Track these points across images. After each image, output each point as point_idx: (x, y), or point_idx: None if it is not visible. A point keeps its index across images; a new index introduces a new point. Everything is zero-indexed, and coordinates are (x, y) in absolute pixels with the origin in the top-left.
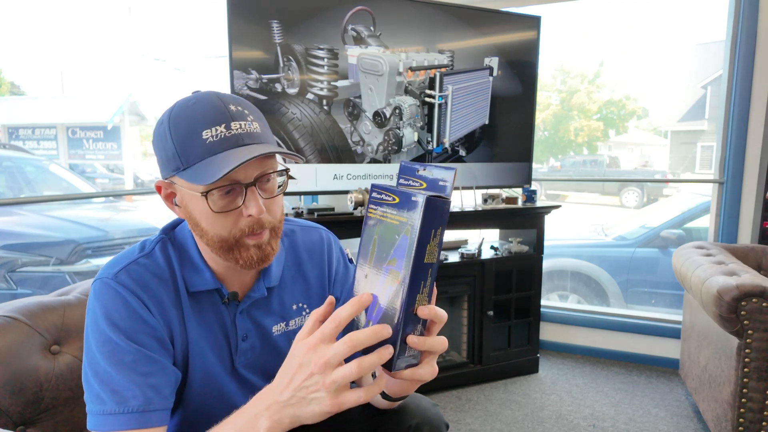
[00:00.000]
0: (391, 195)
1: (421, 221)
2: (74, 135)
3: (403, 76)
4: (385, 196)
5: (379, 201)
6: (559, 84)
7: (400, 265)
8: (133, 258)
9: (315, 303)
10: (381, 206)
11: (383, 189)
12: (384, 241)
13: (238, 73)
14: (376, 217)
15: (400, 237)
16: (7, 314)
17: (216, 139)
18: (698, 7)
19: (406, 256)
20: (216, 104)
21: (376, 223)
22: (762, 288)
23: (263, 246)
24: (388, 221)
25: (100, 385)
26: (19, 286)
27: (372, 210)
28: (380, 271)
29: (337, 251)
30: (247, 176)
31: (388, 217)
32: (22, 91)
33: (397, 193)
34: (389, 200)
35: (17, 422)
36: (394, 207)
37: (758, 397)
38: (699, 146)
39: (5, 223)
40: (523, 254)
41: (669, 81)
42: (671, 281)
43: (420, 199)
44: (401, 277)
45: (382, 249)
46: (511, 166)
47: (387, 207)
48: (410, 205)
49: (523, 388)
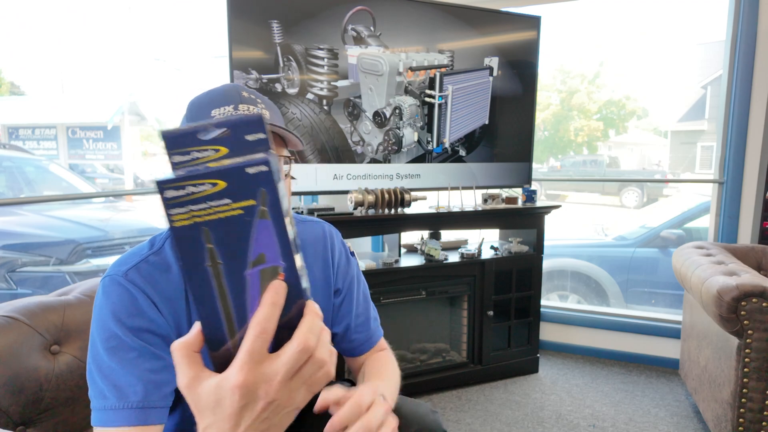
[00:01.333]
0: (206, 181)
1: (276, 191)
2: (74, 135)
3: (403, 76)
4: (193, 188)
5: (186, 198)
6: (559, 84)
7: (275, 257)
8: (143, 256)
9: (319, 295)
10: (193, 204)
11: (184, 180)
12: (228, 243)
13: (238, 73)
14: (192, 222)
15: (254, 226)
16: (7, 314)
17: (222, 117)
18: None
19: (278, 244)
20: (229, 90)
21: (197, 231)
22: (762, 288)
23: None
24: (220, 217)
25: (103, 380)
26: (19, 286)
27: (179, 215)
28: (241, 282)
29: (339, 244)
30: None
31: (216, 212)
32: (22, 91)
33: (215, 176)
34: (205, 190)
35: (17, 422)
36: (219, 196)
37: (758, 397)
38: (699, 146)
39: (5, 223)
40: (523, 254)
41: (669, 81)
42: (671, 281)
43: (263, 167)
44: (285, 267)
45: (230, 255)
46: (511, 166)
47: (207, 200)
48: (250, 182)
49: (523, 388)
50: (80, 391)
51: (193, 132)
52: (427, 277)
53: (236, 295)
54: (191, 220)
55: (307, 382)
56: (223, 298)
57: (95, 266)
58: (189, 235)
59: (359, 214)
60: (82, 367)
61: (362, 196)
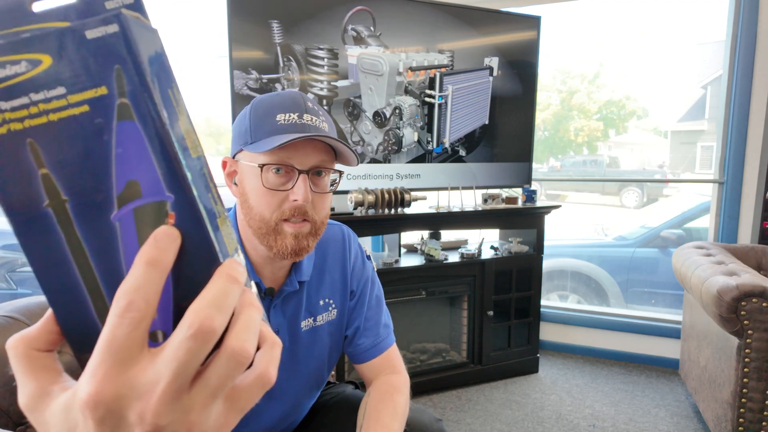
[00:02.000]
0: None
1: (144, 67)
2: None
3: (403, 76)
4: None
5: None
6: (559, 84)
7: (157, 187)
8: None
9: (338, 298)
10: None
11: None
12: (69, 164)
13: (238, 73)
14: (5, 130)
15: (114, 133)
16: (7, 314)
17: (287, 122)
18: (698, 7)
19: (160, 162)
20: (296, 97)
21: (17, 143)
22: (762, 288)
23: (300, 238)
24: (50, 118)
25: None
26: (19, 286)
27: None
28: (105, 228)
29: (355, 246)
30: (303, 163)
31: (42, 111)
32: None
33: (39, 43)
34: (23, 72)
35: (17, 422)
36: (48, 83)
37: (758, 397)
38: (699, 146)
39: (5, 223)
40: (523, 254)
41: (669, 81)
42: (671, 281)
43: (113, 28)
44: (173, 203)
45: (78, 185)
46: (511, 166)
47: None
48: (97, 55)
49: (523, 388)
50: None
51: (23, 1)
52: (427, 277)
53: (101, 252)
54: (3, 127)
55: (219, 391)
56: (79, 260)
57: None
58: (6, 154)
59: (359, 214)
60: None
61: (362, 196)
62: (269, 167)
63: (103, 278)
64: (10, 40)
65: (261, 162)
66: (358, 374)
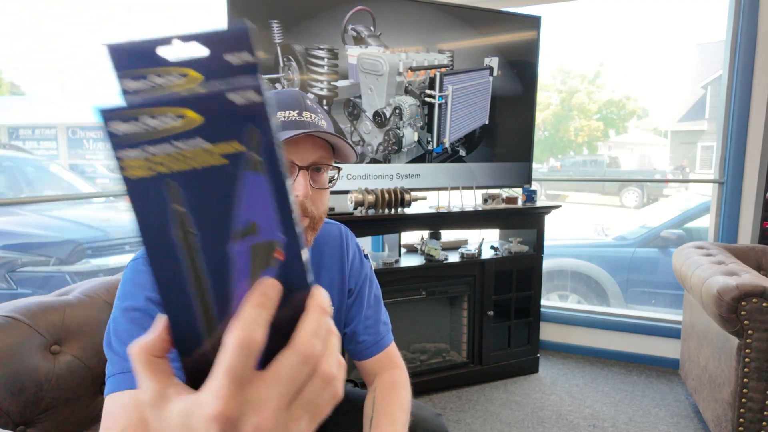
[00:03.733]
0: (174, 111)
1: (271, 129)
2: (74, 135)
3: (403, 76)
4: (154, 119)
5: (145, 136)
6: (559, 84)
7: (272, 228)
8: None
9: (335, 295)
10: (155, 145)
11: (147, 105)
12: (202, 205)
13: None
14: (152, 173)
15: (240, 181)
16: (7, 314)
17: (287, 120)
18: (698, 7)
19: (276, 209)
20: (296, 95)
21: (160, 185)
22: (762, 288)
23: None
24: (190, 168)
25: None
26: (19, 286)
27: (136, 161)
28: (222, 258)
29: (353, 245)
30: (303, 159)
31: (185, 158)
32: (22, 91)
33: (188, 102)
34: (172, 125)
35: (17, 422)
36: (193, 134)
37: (758, 397)
38: (699, 146)
39: (5, 223)
40: (523, 254)
41: (669, 81)
42: (671, 281)
43: (256, 97)
44: (284, 244)
45: (205, 221)
46: (511, 166)
47: (173, 141)
48: (233, 115)
49: (523, 388)
50: (80, 391)
51: (151, 46)
52: (427, 277)
53: (217, 278)
54: (151, 170)
55: (310, 406)
56: (197, 283)
57: (95, 266)
58: (148, 191)
59: (359, 214)
60: (82, 367)
61: (362, 196)
62: None
63: (215, 300)
64: (167, 98)
65: None
66: (358, 373)
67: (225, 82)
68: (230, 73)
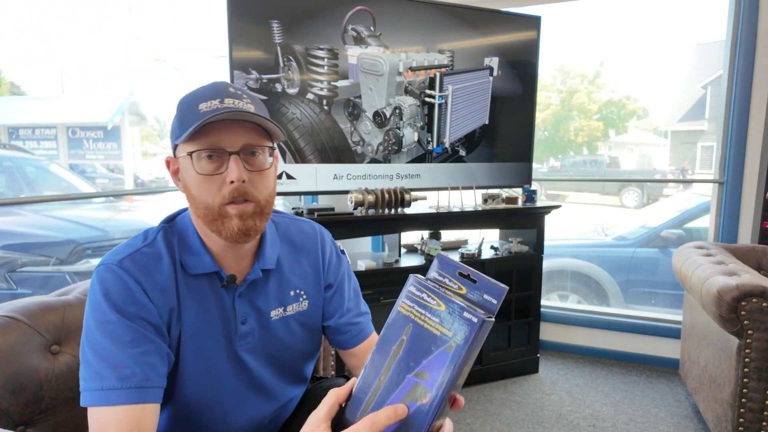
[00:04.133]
0: (436, 299)
1: (470, 343)
2: (74, 135)
3: (403, 76)
4: (428, 297)
5: (418, 299)
6: (559, 84)
7: (432, 383)
8: (137, 247)
9: (311, 290)
10: (419, 305)
11: (427, 289)
12: (415, 346)
13: (238, 73)
14: (409, 315)
15: (438, 351)
16: (7, 314)
17: (208, 109)
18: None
19: (442, 377)
20: (218, 85)
21: (407, 322)
22: (762, 288)
23: (246, 219)
24: (425, 326)
25: (101, 362)
26: (19, 286)
27: (406, 305)
28: (401, 378)
29: (329, 241)
30: (232, 145)
31: (426, 321)
32: (22, 91)
33: (444, 300)
34: (432, 303)
35: (17, 422)
36: (436, 313)
37: (758, 397)
38: (699, 146)
39: (5, 223)
40: (523, 254)
41: (669, 81)
42: (671, 281)
43: (475, 319)
44: (431, 398)
45: (410, 355)
46: (511, 166)
47: (427, 310)
48: (459, 320)
49: (523, 388)
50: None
51: (457, 268)
52: None
53: (390, 385)
54: (409, 314)
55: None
56: (383, 375)
57: (95, 266)
58: (400, 321)
59: (359, 214)
60: None
61: (362, 196)
62: (200, 154)
63: (380, 394)
64: (440, 293)
65: (190, 150)
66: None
67: (470, 304)
68: (479, 301)
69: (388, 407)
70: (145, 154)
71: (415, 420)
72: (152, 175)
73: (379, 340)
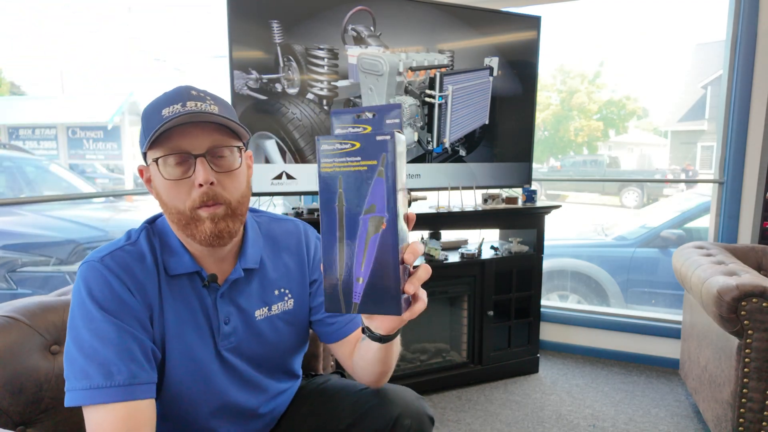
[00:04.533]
0: (349, 142)
1: (395, 157)
2: (74, 135)
3: (403, 76)
4: (340, 144)
5: (334, 152)
6: (559, 84)
7: (382, 209)
8: (120, 245)
9: (296, 288)
10: (337, 157)
11: (336, 138)
12: (351, 191)
13: (238, 73)
14: (333, 170)
15: (373, 181)
16: (7, 314)
17: (170, 113)
18: (698, 7)
19: (386, 199)
20: (180, 90)
21: (335, 177)
22: (762, 288)
23: (217, 221)
24: (352, 170)
25: (86, 360)
26: (19, 286)
27: (326, 163)
28: (355, 223)
29: (314, 238)
30: (197, 147)
31: (350, 165)
32: (22, 91)
33: (357, 138)
34: (347, 147)
35: (17, 422)
36: (354, 153)
37: (758, 397)
38: (699, 146)
39: (5, 223)
40: (523, 254)
41: (669, 81)
42: (671, 281)
43: (387, 135)
44: (387, 219)
45: (351, 200)
46: (511, 166)
47: (346, 156)
48: (376, 146)
49: (523, 388)
50: None
51: (352, 113)
52: None
53: (350, 231)
54: (333, 169)
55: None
56: (340, 231)
57: None
58: (329, 180)
59: None
60: None
61: None
62: (165, 159)
63: (346, 243)
64: (347, 135)
65: (156, 156)
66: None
67: (377, 130)
68: (385, 127)
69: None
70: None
71: (385, 245)
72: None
73: (321, 209)
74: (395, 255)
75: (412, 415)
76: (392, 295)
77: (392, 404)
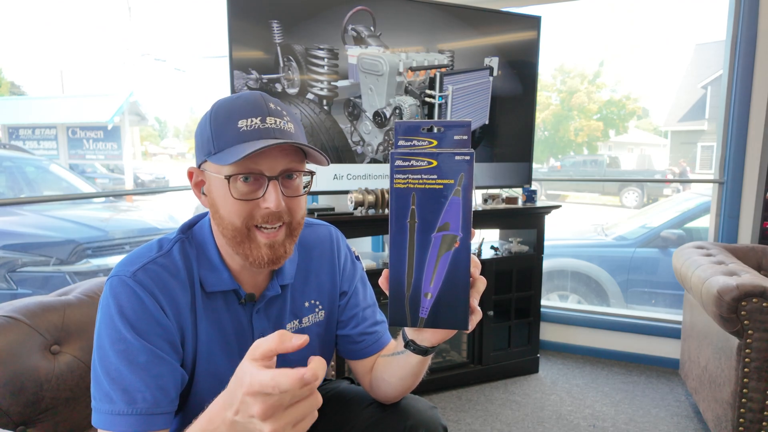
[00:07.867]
0: (426, 159)
1: (471, 180)
2: (74, 135)
3: (403, 76)
4: (416, 162)
5: (409, 168)
6: (559, 84)
7: (457, 228)
8: (152, 257)
9: (326, 299)
10: (412, 173)
11: (411, 155)
12: (425, 208)
13: (238, 73)
14: (407, 186)
15: (449, 200)
16: (7, 314)
17: (249, 128)
18: (698, 7)
19: (462, 219)
20: (256, 100)
21: (409, 193)
22: (762, 288)
23: (276, 246)
24: (427, 187)
25: (111, 384)
26: (19, 286)
27: (400, 179)
28: (427, 240)
29: (344, 247)
30: (272, 169)
31: (425, 182)
32: (22, 91)
33: (432, 156)
34: (423, 165)
35: (17, 422)
36: (431, 171)
37: (758, 397)
38: (699, 146)
39: (5, 223)
40: (523, 254)
41: (669, 81)
42: (671, 281)
43: (467, 156)
44: (461, 239)
45: (425, 218)
46: (511, 166)
47: (422, 173)
48: (455, 166)
49: (523, 388)
50: (80, 391)
51: (418, 126)
52: None
53: (420, 252)
54: (407, 185)
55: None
56: (410, 249)
57: (95, 266)
58: (402, 196)
59: (359, 214)
60: (82, 367)
61: (362, 196)
62: (237, 177)
63: (416, 260)
64: (426, 152)
65: (227, 173)
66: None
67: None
68: (453, 143)
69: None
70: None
71: (458, 263)
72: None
73: (392, 225)
74: (467, 273)
75: (426, 426)
76: (462, 311)
77: (406, 414)
